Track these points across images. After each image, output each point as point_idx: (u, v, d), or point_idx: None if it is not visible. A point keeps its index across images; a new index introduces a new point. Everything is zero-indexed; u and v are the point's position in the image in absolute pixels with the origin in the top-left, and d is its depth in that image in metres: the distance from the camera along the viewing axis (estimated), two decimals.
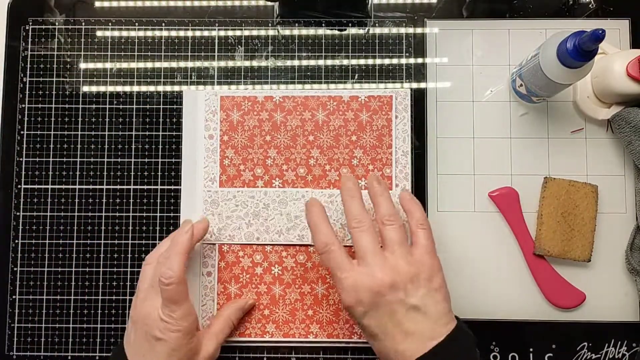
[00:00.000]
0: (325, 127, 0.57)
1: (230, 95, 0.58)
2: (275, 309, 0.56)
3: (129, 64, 0.59)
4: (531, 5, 0.59)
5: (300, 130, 0.57)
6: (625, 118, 0.54)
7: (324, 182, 0.57)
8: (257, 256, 0.56)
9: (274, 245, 0.56)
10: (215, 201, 0.57)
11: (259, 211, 0.56)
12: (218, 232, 0.56)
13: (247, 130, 0.57)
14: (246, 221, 0.56)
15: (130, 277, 0.57)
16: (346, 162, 0.57)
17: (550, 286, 0.56)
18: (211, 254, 0.56)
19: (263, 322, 0.56)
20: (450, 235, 0.57)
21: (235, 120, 0.57)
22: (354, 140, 0.57)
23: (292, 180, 0.57)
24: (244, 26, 0.60)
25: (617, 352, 0.55)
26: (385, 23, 0.59)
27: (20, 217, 0.58)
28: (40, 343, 0.57)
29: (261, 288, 0.56)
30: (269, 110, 0.57)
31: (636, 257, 0.56)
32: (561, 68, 0.48)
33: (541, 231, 0.55)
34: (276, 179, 0.57)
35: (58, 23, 0.60)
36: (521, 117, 0.58)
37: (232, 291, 0.56)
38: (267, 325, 0.56)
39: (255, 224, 0.56)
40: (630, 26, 0.58)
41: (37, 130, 0.58)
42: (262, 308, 0.56)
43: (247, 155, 0.57)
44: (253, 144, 0.57)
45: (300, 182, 0.57)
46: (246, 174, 0.57)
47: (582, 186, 0.56)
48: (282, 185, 0.57)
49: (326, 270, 0.56)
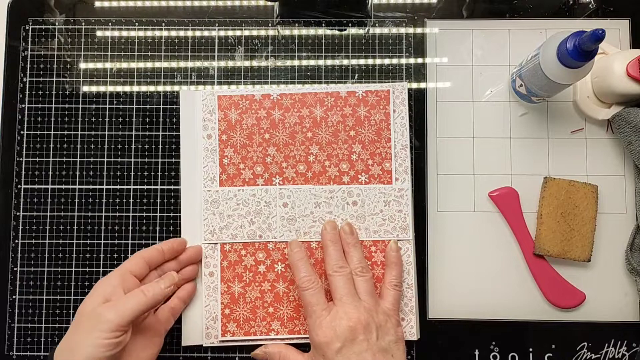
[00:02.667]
0: (323, 123, 0.57)
1: (227, 95, 0.57)
2: (279, 306, 0.55)
3: (129, 64, 0.59)
4: (531, 5, 0.59)
5: (298, 127, 0.57)
6: (625, 118, 0.54)
7: (324, 179, 0.56)
8: (260, 254, 0.56)
9: (276, 242, 0.56)
10: (216, 201, 0.56)
11: (260, 209, 0.56)
12: (220, 231, 0.56)
13: (246, 129, 0.57)
14: (248, 219, 0.56)
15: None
16: (345, 157, 0.57)
17: (550, 286, 0.56)
18: (213, 254, 0.56)
19: (268, 319, 0.55)
20: (450, 235, 0.57)
21: (233, 119, 0.57)
22: (352, 136, 0.57)
23: (292, 178, 0.56)
24: (244, 26, 0.60)
25: (617, 352, 0.55)
26: (385, 23, 0.59)
27: (20, 217, 0.58)
28: (40, 343, 0.57)
29: (265, 286, 0.56)
30: (267, 108, 0.57)
31: (636, 257, 0.56)
32: (561, 68, 0.48)
33: (541, 231, 0.55)
34: (276, 176, 0.57)
35: (58, 23, 0.60)
36: (521, 117, 0.58)
37: (235, 290, 0.55)
38: (272, 322, 0.55)
39: (257, 221, 0.56)
40: (630, 26, 0.58)
41: (37, 130, 0.58)
42: (266, 306, 0.55)
43: (246, 153, 0.57)
44: (252, 142, 0.57)
45: (301, 178, 0.56)
46: (246, 173, 0.57)
47: (582, 186, 0.56)
48: (282, 182, 0.56)
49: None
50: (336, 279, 0.51)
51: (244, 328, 0.55)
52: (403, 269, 0.55)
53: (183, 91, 0.58)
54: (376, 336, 0.48)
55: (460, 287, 0.56)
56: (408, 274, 0.55)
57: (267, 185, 0.56)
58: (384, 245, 0.56)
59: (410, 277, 0.55)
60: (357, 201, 0.56)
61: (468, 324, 0.56)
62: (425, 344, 0.56)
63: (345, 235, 0.54)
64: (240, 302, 0.56)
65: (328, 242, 0.54)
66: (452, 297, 0.56)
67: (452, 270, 0.57)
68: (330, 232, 0.54)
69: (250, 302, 0.56)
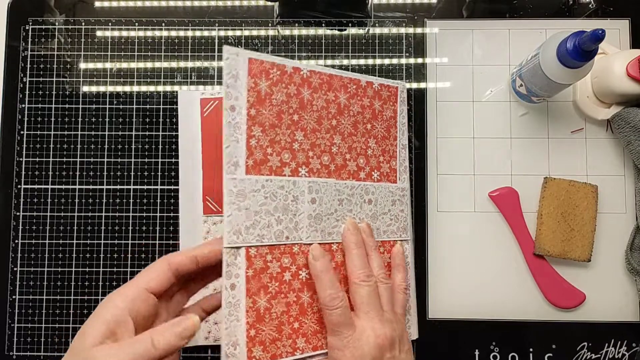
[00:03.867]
0: (346, 112, 0.52)
1: (259, 59, 0.47)
2: (304, 320, 0.47)
3: (129, 64, 0.59)
4: (531, 5, 0.59)
5: (325, 112, 0.51)
6: (625, 118, 0.54)
7: (345, 173, 0.51)
8: (285, 259, 0.47)
9: (301, 244, 0.48)
10: (242, 192, 0.45)
11: (287, 204, 0.47)
12: (246, 231, 0.45)
13: (276, 106, 0.48)
14: (275, 217, 0.46)
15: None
16: (363, 151, 0.52)
17: (550, 286, 0.56)
18: (235, 261, 0.44)
19: (293, 337, 0.46)
20: (450, 235, 0.57)
21: (263, 91, 0.47)
22: (368, 129, 0.53)
23: (317, 169, 0.49)
24: (244, 26, 0.60)
25: (617, 352, 0.55)
26: (385, 23, 0.59)
27: (20, 217, 0.58)
28: (40, 343, 0.57)
29: (290, 297, 0.46)
30: (297, 84, 0.49)
31: (636, 257, 0.56)
32: (561, 68, 0.48)
33: (541, 231, 0.55)
34: (302, 166, 0.49)
35: (58, 23, 0.60)
36: (521, 117, 0.58)
37: (261, 305, 0.45)
38: (298, 340, 0.46)
39: (284, 220, 0.47)
40: (630, 26, 0.58)
41: (37, 130, 0.58)
42: (292, 321, 0.46)
43: (274, 136, 0.47)
44: (281, 123, 0.48)
45: (324, 171, 0.50)
46: (273, 159, 0.47)
47: (582, 186, 0.56)
48: (308, 174, 0.49)
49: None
50: (363, 289, 0.46)
51: (270, 351, 0.45)
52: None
53: (182, 92, 0.58)
54: (399, 350, 0.46)
55: (460, 287, 0.56)
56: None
57: (294, 177, 0.48)
58: (390, 246, 0.53)
59: (408, 277, 0.55)
60: (372, 199, 0.52)
61: (468, 324, 0.56)
62: (425, 344, 0.56)
63: (367, 238, 0.50)
64: (267, 320, 0.45)
65: (352, 245, 0.48)
66: (452, 297, 0.56)
67: (452, 270, 0.57)
68: (354, 234, 0.49)
69: (277, 318, 0.46)
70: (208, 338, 0.55)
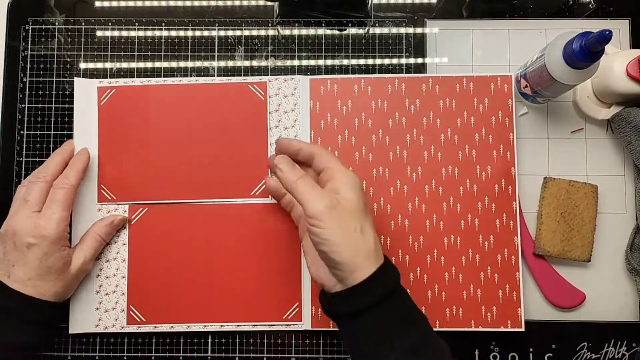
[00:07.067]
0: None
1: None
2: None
3: (129, 64, 0.59)
4: (531, 5, 0.59)
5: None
6: (625, 118, 0.54)
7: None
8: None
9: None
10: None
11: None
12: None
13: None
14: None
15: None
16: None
17: (550, 286, 0.56)
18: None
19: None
20: None
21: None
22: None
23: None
24: (244, 26, 0.60)
25: (617, 352, 0.55)
26: (385, 23, 0.59)
27: None
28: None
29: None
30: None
31: (636, 257, 0.56)
32: (567, 69, 0.48)
33: (541, 231, 0.55)
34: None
35: (58, 23, 0.60)
36: (521, 117, 0.58)
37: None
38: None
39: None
40: (630, 26, 0.58)
41: (37, 130, 0.58)
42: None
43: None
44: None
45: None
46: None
47: (582, 186, 0.56)
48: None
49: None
50: (304, 180, 0.47)
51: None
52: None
53: (78, 80, 0.57)
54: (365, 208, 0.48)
55: None
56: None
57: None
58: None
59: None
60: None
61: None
62: None
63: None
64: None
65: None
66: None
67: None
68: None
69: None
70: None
